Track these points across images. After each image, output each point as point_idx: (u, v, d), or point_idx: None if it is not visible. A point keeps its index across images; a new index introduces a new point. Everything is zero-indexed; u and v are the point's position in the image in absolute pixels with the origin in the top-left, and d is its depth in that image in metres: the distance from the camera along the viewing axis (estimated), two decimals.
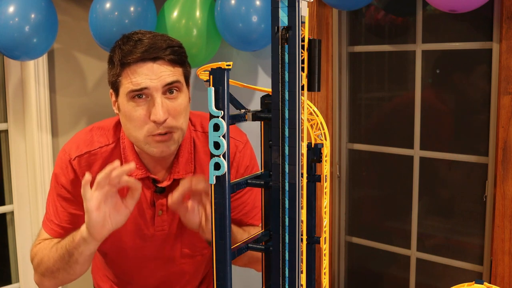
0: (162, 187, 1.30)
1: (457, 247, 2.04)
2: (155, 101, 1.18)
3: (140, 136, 1.21)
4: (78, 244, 1.17)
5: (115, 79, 1.22)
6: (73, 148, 1.30)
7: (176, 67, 1.21)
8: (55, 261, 1.23)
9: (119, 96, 1.23)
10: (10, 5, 1.74)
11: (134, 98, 1.19)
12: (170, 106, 1.19)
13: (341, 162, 2.26)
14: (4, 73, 2.15)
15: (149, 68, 1.18)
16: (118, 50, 1.21)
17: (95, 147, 1.30)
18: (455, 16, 1.86)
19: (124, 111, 1.22)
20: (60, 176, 1.30)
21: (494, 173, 1.81)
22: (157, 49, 1.18)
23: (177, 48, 1.22)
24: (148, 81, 1.17)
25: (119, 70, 1.20)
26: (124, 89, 1.20)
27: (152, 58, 1.18)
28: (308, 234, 0.88)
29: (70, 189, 1.30)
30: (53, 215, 1.32)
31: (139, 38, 1.20)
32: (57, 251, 1.23)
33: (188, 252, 1.38)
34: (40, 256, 1.28)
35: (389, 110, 2.21)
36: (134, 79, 1.18)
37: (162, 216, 1.31)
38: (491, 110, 1.84)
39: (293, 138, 0.77)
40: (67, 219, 1.31)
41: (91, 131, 1.33)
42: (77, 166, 1.29)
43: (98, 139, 1.31)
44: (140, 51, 1.17)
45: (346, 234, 2.31)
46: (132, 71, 1.18)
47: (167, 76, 1.19)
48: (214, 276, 0.83)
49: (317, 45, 0.78)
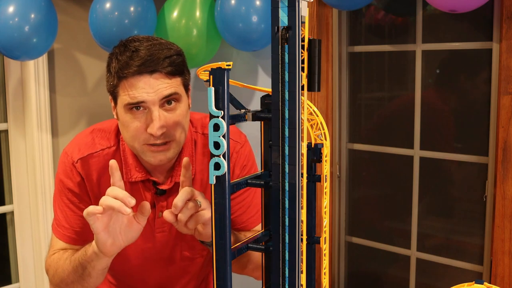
0: (162, 190, 1.30)
1: (457, 247, 2.04)
2: (152, 115, 1.16)
3: (137, 145, 1.20)
4: (90, 258, 1.16)
5: (113, 90, 1.21)
6: (75, 151, 1.29)
7: (174, 78, 1.19)
8: (69, 273, 1.23)
9: (117, 106, 1.22)
10: (10, 5, 1.74)
11: (131, 110, 1.18)
12: (168, 118, 1.18)
13: (341, 162, 2.26)
14: (4, 73, 2.15)
15: (146, 82, 1.15)
16: (115, 60, 1.18)
17: (97, 149, 1.29)
18: (455, 16, 1.86)
19: (122, 121, 1.21)
20: (66, 180, 1.29)
21: (494, 173, 1.81)
22: (154, 62, 1.15)
23: (175, 57, 1.19)
24: (145, 95, 1.15)
25: (116, 82, 1.18)
26: (121, 100, 1.19)
27: (149, 71, 1.15)
28: (308, 234, 0.88)
29: (78, 191, 1.29)
30: (64, 220, 1.31)
31: (135, 48, 1.16)
32: (71, 263, 1.22)
33: (188, 254, 1.38)
34: (55, 267, 1.28)
35: (389, 110, 2.21)
36: (131, 92, 1.16)
37: (162, 218, 1.31)
38: (491, 110, 1.84)
39: (293, 138, 0.77)
40: (79, 223, 1.30)
41: (91, 133, 1.32)
42: (81, 168, 1.28)
43: (100, 141, 1.30)
44: (137, 64, 1.15)
45: (346, 234, 2.31)
46: (129, 84, 1.16)
47: (164, 89, 1.17)
48: (214, 276, 0.83)
49: (317, 45, 0.78)
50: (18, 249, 2.22)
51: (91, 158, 1.29)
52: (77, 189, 1.29)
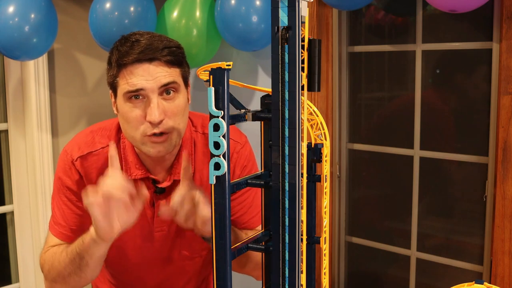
0: (162, 188, 1.30)
1: (457, 247, 2.04)
2: (151, 102, 1.18)
3: (137, 136, 1.21)
4: (88, 246, 1.17)
5: (113, 80, 1.22)
6: (75, 149, 1.30)
7: (173, 68, 1.21)
8: (66, 265, 1.23)
9: (117, 97, 1.23)
10: (10, 5, 1.74)
11: (130, 99, 1.19)
12: (166, 107, 1.19)
13: (341, 162, 2.26)
14: (4, 73, 2.15)
15: (145, 69, 1.18)
16: (116, 51, 1.21)
17: (96, 148, 1.30)
18: (455, 16, 1.86)
19: (121, 112, 1.22)
20: (65, 178, 1.30)
21: (494, 173, 1.81)
22: (153, 50, 1.18)
23: (175, 49, 1.22)
24: (144, 82, 1.17)
25: (116, 71, 1.20)
26: (121, 90, 1.20)
27: (148, 59, 1.18)
28: (308, 234, 0.88)
29: (76, 189, 1.29)
30: (61, 218, 1.32)
31: (136, 39, 1.19)
32: (68, 255, 1.23)
33: (187, 253, 1.38)
34: (50, 262, 1.28)
35: (389, 110, 2.21)
36: (130, 80, 1.18)
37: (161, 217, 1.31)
38: (491, 110, 1.84)
39: (293, 138, 0.77)
40: (75, 221, 1.31)
41: (92, 132, 1.33)
42: (80, 166, 1.29)
43: (100, 139, 1.31)
44: (136, 52, 1.17)
45: (346, 234, 2.31)
46: (128, 72, 1.18)
47: (163, 77, 1.18)
48: (214, 276, 0.83)
49: (317, 45, 0.78)
50: (18, 249, 2.22)
51: (90, 157, 1.29)
52: (76, 187, 1.29)
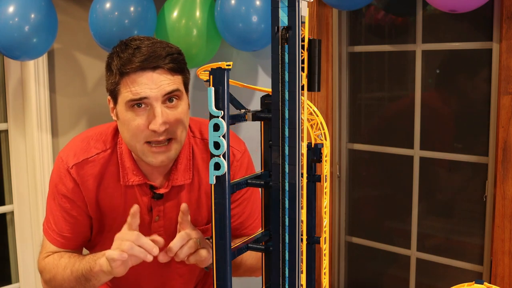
0: (159, 194, 1.29)
1: (457, 247, 2.04)
2: (155, 111, 1.17)
3: (138, 145, 1.20)
4: (96, 274, 1.20)
5: (114, 88, 1.20)
6: (70, 156, 1.29)
7: (175, 75, 1.20)
8: (71, 282, 1.25)
9: (118, 104, 1.21)
10: (10, 5, 1.74)
11: (133, 107, 1.18)
12: (169, 115, 1.19)
13: (341, 162, 2.26)
14: (4, 73, 2.15)
15: (149, 77, 1.16)
16: (117, 57, 1.19)
17: (92, 154, 1.28)
18: (455, 16, 1.86)
19: (123, 119, 1.21)
20: (60, 185, 1.29)
21: (494, 173, 1.81)
22: (157, 58, 1.16)
23: (177, 56, 1.21)
24: (148, 91, 1.16)
25: (118, 79, 1.19)
26: (123, 98, 1.19)
27: (151, 67, 1.17)
28: (308, 234, 0.88)
29: (70, 196, 1.29)
30: (53, 223, 1.32)
31: (137, 46, 1.18)
32: (72, 274, 1.24)
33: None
34: (52, 273, 1.28)
35: (389, 110, 2.21)
36: (133, 88, 1.16)
37: (159, 221, 1.31)
38: (491, 110, 1.84)
39: (293, 138, 0.77)
40: (68, 228, 1.31)
41: (87, 137, 1.32)
42: (75, 174, 1.28)
43: (95, 145, 1.29)
44: (139, 60, 1.16)
45: (346, 234, 2.31)
46: (132, 81, 1.17)
47: (166, 85, 1.17)
48: (214, 276, 0.83)
49: (317, 45, 0.78)
50: (18, 249, 2.22)
51: (86, 164, 1.28)
52: (70, 194, 1.29)
